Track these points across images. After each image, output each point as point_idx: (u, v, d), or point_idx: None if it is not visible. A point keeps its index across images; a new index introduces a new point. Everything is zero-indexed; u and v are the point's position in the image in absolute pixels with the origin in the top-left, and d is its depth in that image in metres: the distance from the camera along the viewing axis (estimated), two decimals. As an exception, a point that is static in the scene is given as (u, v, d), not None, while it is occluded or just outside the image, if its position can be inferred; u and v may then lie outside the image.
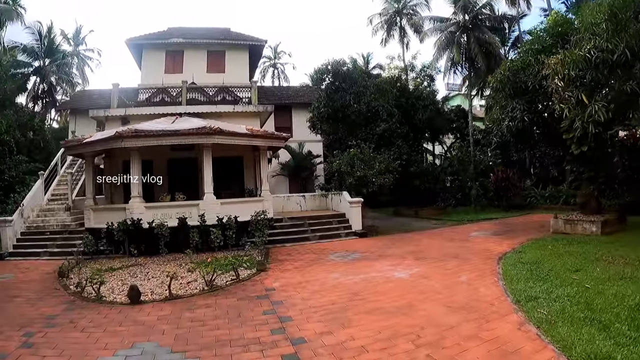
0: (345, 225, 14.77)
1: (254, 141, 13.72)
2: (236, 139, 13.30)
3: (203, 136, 12.66)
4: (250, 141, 13.62)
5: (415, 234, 14.94)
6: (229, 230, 12.64)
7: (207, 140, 12.71)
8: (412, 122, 22.58)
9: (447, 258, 10.19)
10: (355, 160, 15.66)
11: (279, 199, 16.95)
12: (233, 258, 11.48)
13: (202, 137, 12.69)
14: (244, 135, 13.43)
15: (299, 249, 12.76)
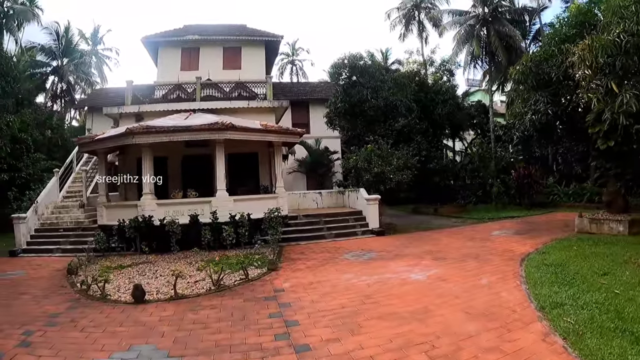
0: (362, 223, 14.34)
1: (268, 136, 13.42)
2: (249, 134, 13.03)
3: (215, 132, 12.42)
4: (263, 137, 13.33)
5: (434, 233, 14.39)
6: (241, 227, 12.37)
7: (220, 136, 12.47)
8: (431, 117, 21.94)
9: (467, 259, 9.66)
10: (372, 156, 15.19)
11: (294, 196, 16.67)
12: (244, 257, 11.22)
13: (214, 133, 12.44)
14: (257, 130, 13.14)
15: (314, 247, 12.41)
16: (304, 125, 22.69)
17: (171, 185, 15.14)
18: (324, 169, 21.37)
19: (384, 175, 14.74)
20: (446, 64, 28.69)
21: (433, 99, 21.86)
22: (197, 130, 12.46)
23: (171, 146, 14.84)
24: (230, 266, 9.93)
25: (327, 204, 16.85)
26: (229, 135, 12.51)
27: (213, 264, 9.92)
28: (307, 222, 14.22)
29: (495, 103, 31.34)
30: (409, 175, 15.13)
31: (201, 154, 15.47)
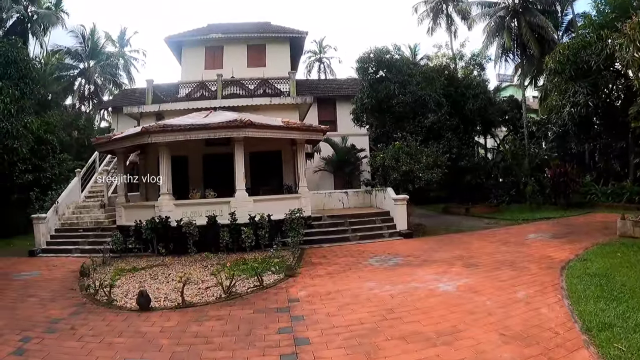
0: (389, 225, 13.55)
1: (290, 134, 12.85)
2: (269, 131, 12.50)
3: (233, 129, 11.97)
4: (285, 134, 12.77)
5: (465, 235, 13.41)
6: (261, 229, 11.87)
7: (238, 133, 12.01)
8: (462, 112, 20.73)
9: (502, 266, 8.75)
10: (400, 153, 14.36)
11: (319, 195, 16.09)
12: (262, 260, 10.72)
13: (232, 131, 12.00)
14: (277, 127, 12.60)
15: (337, 250, 11.74)
16: (330, 122, 22.08)
17: (192, 185, 14.85)
18: (350, 168, 20.63)
19: (412, 173, 13.90)
20: (476, 57, 27.23)
21: (463, 94, 20.55)
22: (215, 128, 12.05)
23: (191, 145, 14.59)
24: (246, 271, 9.45)
25: (354, 204, 16.16)
26: (247, 133, 12.03)
27: (228, 269, 9.48)
28: (331, 223, 13.56)
29: (528, 98, 29.73)
30: (439, 173, 14.24)
31: (222, 153, 15.09)
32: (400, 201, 13.52)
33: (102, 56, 29.70)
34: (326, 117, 22.09)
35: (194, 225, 11.84)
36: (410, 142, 14.88)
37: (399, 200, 13.53)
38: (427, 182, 13.88)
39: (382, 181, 15.12)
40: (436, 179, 14.14)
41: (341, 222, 13.53)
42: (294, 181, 15.38)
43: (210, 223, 11.97)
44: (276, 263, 10.22)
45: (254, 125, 12.01)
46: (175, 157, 15.02)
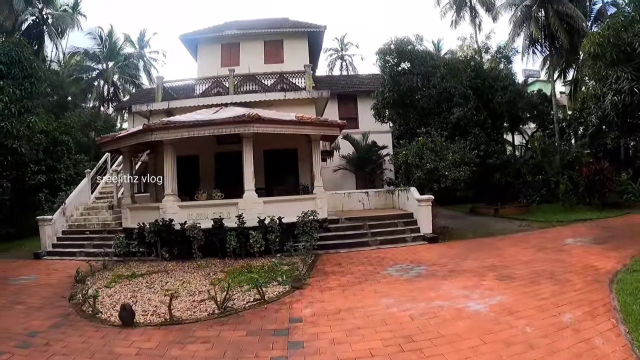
0: (412, 228, 12.38)
1: (302, 129, 11.87)
2: (280, 127, 11.57)
3: (240, 125, 11.10)
4: (297, 129, 11.80)
5: (496, 239, 12.14)
6: (271, 233, 10.95)
7: (245, 129, 11.13)
8: (489, 106, 19.04)
9: (540, 279, 7.50)
10: (424, 150, 13.15)
11: (338, 196, 15.06)
12: (270, 268, 9.79)
13: (239, 126, 11.13)
14: (289, 122, 11.65)
15: (354, 257, 10.68)
16: (351, 119, 20.99)
17: (203, 185, 14.09)
18: (371, 166, 19.34)
19: (437, 172, 12.67)
20: (503, 50, 25.51)
21: (491, 86, 18.66)
22: (220, 124, 11.22)
23: (202, 144, 13.87)
24: (250, 280, 8.57)
25: (375, 205, 15.03)
26: (256, 129, 11.13)
27: (229, 277, 8.63)
28: (349, 226, 12.49)
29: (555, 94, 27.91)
30: (466, 172, 12.94)
31: (234, 151, 14.17)
32: (424, 202, 12.33)
33: (120, 57, 29.54)
34: (347, 114, 20.98)
35: (198, 228, 11.05)
36: (435, 137, 13.65)
37: (423, 200, 12.33)
38: (453, 181, 12.63)
39: (405, 180, 13.94)
40: (463, 177, 12.87)
41: (360, 225, 12.44)
42: (311, 181, 14.41)
43: (216, 226, 11.14)
44: (285, 272, 9.27)
45: (262, 120, 11.10)
46: (186, 156, 14.35)
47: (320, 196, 12.12)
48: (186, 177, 14.21)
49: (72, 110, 21.04)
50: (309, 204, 11.93)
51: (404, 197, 13.77)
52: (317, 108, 15.56)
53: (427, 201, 12.33)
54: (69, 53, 27.01)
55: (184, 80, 16.73)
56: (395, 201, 14.83)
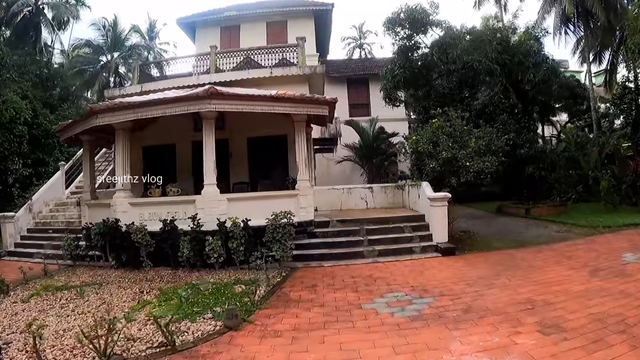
0: (422, 234, 8.61)
1: (279, 107, 8.34)
2: (249, 104, 8.14)
3: (193, 102, 7.84)
4: (272, 107, 8.30)
5: (531, 252, 8.21)
6: (233, 240, 7.68)
7: (201, 107, 7.82)
8: (519, 87, 14.43)
9: (607, 333, 3.99)
10: (439, 135, 9.39)
11: (335, 192, 11.43)
12: (220, 287, 6.55)
13: (192, 104, 7.86)
14: (260, 99, 8.24)
15: (339, 274, 7.14)
16: (362, 106, 17.38)
17: (179, 178, 11.09)
18: (380, 158, 15.08)
19: (456, 162, 8.90)
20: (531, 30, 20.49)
21: (521, 62, 13.76)
22: (172, 102, 7.99)
23: (177, 130, 10.92)
24: (180, 308, 5.45)
25: (381, 203, 11.33)
26: (214, 107, 7.82)
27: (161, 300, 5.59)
28: (342, 231, 8.86)
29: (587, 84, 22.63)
30: (493, 162, 9.13)
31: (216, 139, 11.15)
32: (438, 201, 8.54)
33: (125, 48, 26.38)
34: (357, 100, 17.40)
35: (144, 231, 7.93)
36: (454, 119, 9.82)
37: (437, 200, 8.56)
38: (476, 175, 8.79)
39: (417, 173, 10.25)
40: (489, 170, 9.03)
41: (355, 229, 8.80)
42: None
43: (166, 229, 7.95)
44: (234, 296, 6.03)
45: (222, 96, 7.76)
46: (161, 145, 11.43)
47: (305, 192, 8.65)
48: (161, 170, 11.27)
49: (72, 102, 18.74)
50: (289, 202, 8.50)
51: (415, 194, 10.01)
52: (312, 86, 11.99)
53: (441, 200, 8.53)
54: (72, 45, 24.88)
55: (160, 61, 13.73)
56: (405, 199, 11.07)
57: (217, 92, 7.70)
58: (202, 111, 7.98)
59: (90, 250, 8.81)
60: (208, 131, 8.30)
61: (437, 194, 8.59)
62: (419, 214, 9.40)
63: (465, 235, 10.13)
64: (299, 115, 8.79)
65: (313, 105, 8.53)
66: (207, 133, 8.29)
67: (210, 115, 8.18)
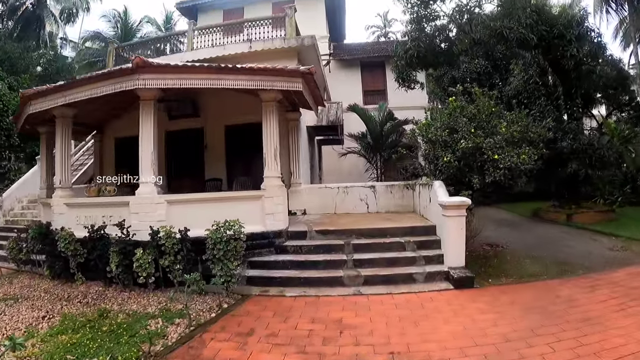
0: (429, 254, 5.78)
1: (230, 80, 5.82)
2: (189, 77, 5.71)
3: (120, 79, 5.61)
4: (219, 80, 5.75)
5: (581, 287, 5.20)
6: (166, 255, 5.39)
7: (129, 83, 5.55)
8: (559, 65, 10.33)
9: None
10: (458, 118, 6.49)
11: (329, 191, 8.66)
12: (121, 322, 4.25)
13: (119, 81, 5.63)
14: (203, 71, 5.79)
15: (297, 313, 4.63)
16: (378, 93, 14.47)
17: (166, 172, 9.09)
18: (388, 150, 11.39)
19: (481, 155, 6.00)
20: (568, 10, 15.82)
21: (562, 35, 9.63)
22: (99, 81, 5.76)
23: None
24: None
25: (385, 206, 8.46)
26: (145, 81, 5.50)
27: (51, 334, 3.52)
28: (321, 246, 6.20)
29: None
30: (531, 156, 6.15)
31: (189, 129, 8.90)
32: (452, 209, 5.62)
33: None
34: (372, 86, 14.51)
35: (69, 238, 5.83)
36: (478, 95, 6.85)
37: (451, 207, 5.63)
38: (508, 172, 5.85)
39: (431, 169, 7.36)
40: (526, 165, 6.04)
41: (339, 244, 6.12)
42: (289, 168, 8.48)
43: (92, 237, 5.83)
44: (142, 337, 3.89)
45: (152, 68, 5.48)
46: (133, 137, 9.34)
47: (272, 193, 6.16)
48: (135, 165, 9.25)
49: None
50: (251, 207, 6.09)
51: (426, 197, 7.14)
52: (302, 61, 9.34)
53: (457, 208, 5.61)
54: (82, 38, 23.67)
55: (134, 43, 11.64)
56: (416, 202, 8.21)
57: (144, 64, 5.40)
58: (135, 89, 5.70)
59: (30, 254, 6.93)
60: (145, 115, 6.06)
61: (452, 200, 5.71)
62: (428, 225, 6.54)
63: (492, 250, 7.19)
64: (267, 94, 6.27)
65: (279, 77, 5.93)
66: (144, 117, 6.05)
67: (147, 94, 5.93)
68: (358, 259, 5.79)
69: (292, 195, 8.30)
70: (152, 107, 6.02)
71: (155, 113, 6.12)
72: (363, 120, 10.52)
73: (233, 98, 7.54)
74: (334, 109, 10.12)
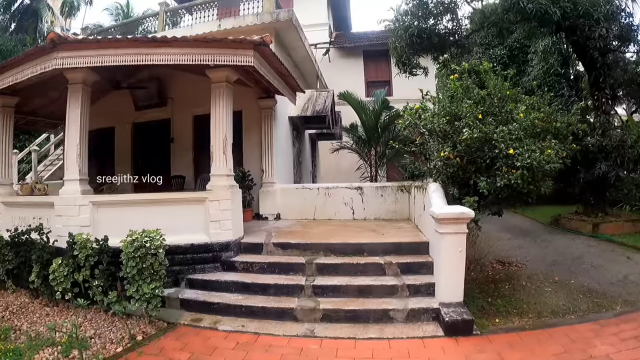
0: (416, 283, 4.12)
1: (162, 54, 4.35)
2: (113, 53, 4.28)
3: (37, 60, 4.35)
4: (152, 54, 4.34)
5: (623, 329, 3.44)
6: (83, 268, 4.06)
7: (47, 64, 4.26)
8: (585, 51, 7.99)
9: None
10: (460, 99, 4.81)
11: (308, 193, 6.98)
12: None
13: (38, 63, 4.35)
14: (131, 44, 4.37)
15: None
16: (382, 84, 12.66)
17: (118, 171, 7.74)
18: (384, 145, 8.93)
19: (491, 149, 4.32)
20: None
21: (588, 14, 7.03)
22: (21, 64, 4.47)
23: (116, 110, 7.63)
24: None
25: (375, 212, 6.74)
26: (64, 60, 4.17)
27: None
28: (277, 264, 4.66)
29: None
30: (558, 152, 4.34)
31: (156, 120, 7.56)
32: (449, 224, 3.89)
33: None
34: (376, 77, 12.77)
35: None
36: (488, 73, 5.08)
37: (447, 221, 3.90)
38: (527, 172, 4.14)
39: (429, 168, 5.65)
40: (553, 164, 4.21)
41: (299, 263, 4.56)
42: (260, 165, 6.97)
43: (17, 241, 4.59)
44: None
45: (71, 45, 4.19)
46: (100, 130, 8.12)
47: (219, 196, 4.68)
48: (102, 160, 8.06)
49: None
50: (192, 212, 4.67)
51: (421, 202, 5.49)
52: (285, 44, 7.73)
53: (455, 223, 3.87)
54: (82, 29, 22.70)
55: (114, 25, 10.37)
56: (411, 208, 6.57)
57: (59, 40, 4.06)
58: (55, 70, 4.35)
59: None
60: (73, 101, 4.73)
61: (447, 211, 4.00)
62: (419, 241, 4.86)
63: (504, 269, 5.46)
64: (215, 73, 4.82)
65: (223, 49, 4.41)
66: (71, 104, 4.73)
67: (73, 76, 4.62)
68: (320, 285, 4.23)
69: (263, 197, 6.83)
70: (81, 91, 4.67)
71: (85, 99, 4.76)
72: (355, 110, 8.63)
73: (202, 84, 6.12)
74: (322, 97, 8.54)
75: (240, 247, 4.90)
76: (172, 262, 4.46)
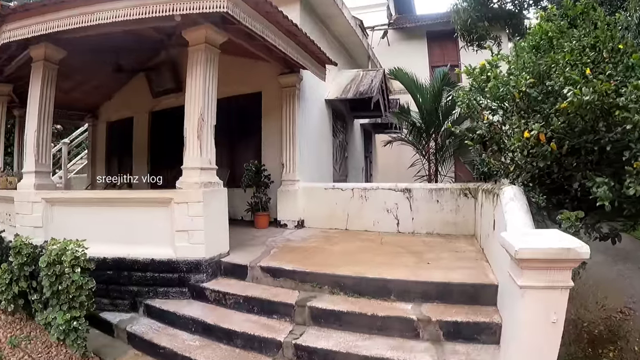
0: (470, 355, 2.36)
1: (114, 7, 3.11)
2: (61, 15, 3.19)
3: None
4: (102, 10, 3.11)
5: None
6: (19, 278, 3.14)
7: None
8: None
9: None
10: (549, 50, 2.72)
11: (339, 195, 5.19)
12: None
13: None
14: (85, 1, 3.32)
15: None
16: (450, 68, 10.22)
17: (136, 163, 7.21)
18: (444, 135, 6.44)
19: (612, 128, 2.21)
20: None
21: None
22: None
23: (135, 99, 7.04)
24: None
25: (427, 223, 4.74)
26: (15, 32, 3.35)
27: None
28: (257, 300, 3.10)
29: None
30: None
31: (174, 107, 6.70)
32: (535, 269, 1.89)
33: None
34: (441, 60, 10.27)
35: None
36: (599, 16, 2.78)
37: (534, 263, 1.87)
38: None
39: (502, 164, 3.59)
40: None
41: (285, 303, 2.97)
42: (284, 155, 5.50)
43: None
44: None
45: (17, 15, 3.29)
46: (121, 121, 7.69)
47: (188, 197, 3.37)
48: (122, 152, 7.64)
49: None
50: (157, 215, 3.47)
51: (489, 214, 3.45)
52: (318, 13, 6.20)
53: (549, 268, 1.84)
54: None
55: None
56: (477, 220, 4.47)
57: (4, 10, 3.23)
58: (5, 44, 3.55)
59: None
60: (34, 79, 3.86)
61: (537, 246, 1.95)
62: (480, 283, 2.86)
63: (601, 313, 3.20)
64: (191, 33, 3.55)
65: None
66: (32, 85, 3.86)
67: (36, 53, 3.79)
68: (307, 348, 2.58)
69: (282, 198, 5.38)
70: (41, 69, 3.80)
71: (48, 78, 3.88)
72: (407, 89, 6.43)
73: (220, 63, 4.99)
74: (369, 77, 6.73)
75: (219, 267, 3.55)
76: (129, 281, 3.37)
